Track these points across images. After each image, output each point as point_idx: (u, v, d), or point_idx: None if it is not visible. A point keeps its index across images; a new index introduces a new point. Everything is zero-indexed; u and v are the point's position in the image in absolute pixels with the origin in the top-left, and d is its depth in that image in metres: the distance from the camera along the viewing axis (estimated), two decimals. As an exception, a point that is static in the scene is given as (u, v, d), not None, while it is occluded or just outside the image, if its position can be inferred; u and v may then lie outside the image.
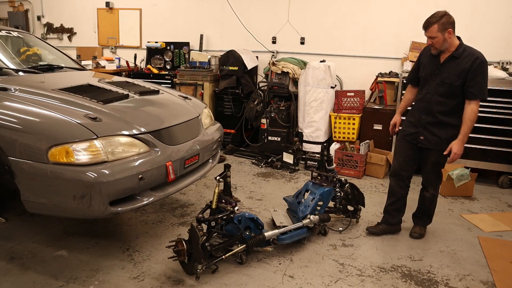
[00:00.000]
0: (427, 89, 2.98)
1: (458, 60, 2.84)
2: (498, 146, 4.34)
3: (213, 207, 2.74)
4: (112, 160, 2.45)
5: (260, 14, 5.95)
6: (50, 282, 2.50)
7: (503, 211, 3.86)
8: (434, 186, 3.15)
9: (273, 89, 5.30)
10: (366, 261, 2.87)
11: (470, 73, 2.79)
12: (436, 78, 2.92)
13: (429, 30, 2.84)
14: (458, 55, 2.85)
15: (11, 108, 2.58)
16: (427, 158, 3.07)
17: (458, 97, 2.88)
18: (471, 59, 2.79)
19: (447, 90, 2.87)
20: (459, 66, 2.82)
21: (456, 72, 2.83)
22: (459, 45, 2.87)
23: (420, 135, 3.01)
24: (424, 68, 3.04)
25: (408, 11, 5.18)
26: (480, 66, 2.78)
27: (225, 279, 2.59)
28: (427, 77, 2.99)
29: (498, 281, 2.67)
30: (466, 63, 2.80)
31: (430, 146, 2.99)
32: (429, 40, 2.87)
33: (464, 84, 2.82)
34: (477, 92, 2.80)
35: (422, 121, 3.00)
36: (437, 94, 2.91)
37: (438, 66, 2.92)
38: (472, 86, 2.80)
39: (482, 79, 2.81)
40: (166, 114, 3.09)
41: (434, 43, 2.85)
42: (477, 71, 2.78)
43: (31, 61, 3.85)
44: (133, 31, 6.86)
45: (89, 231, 3.18)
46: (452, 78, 2.85)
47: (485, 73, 2.83)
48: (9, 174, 2.50)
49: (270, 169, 4.88)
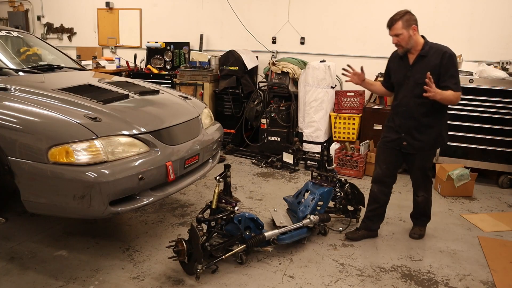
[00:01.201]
0: (403, 93, 2.93)
1: (427, 58, 2.82)
2: (498, 146, 4.34)
3: (213, 207, 2.74)
4: (112, 160, 2.45)
5: (260, 14, 5.95)
6: (50, 282, 2.50)
7: (503, 211, 3.86)
8: (425, 189, 3.12)
9: (273, 89, 5.30)
10: (366, 261, 2.87)
11: (442, 68, 2.76)
12: (409, 81, 2.88)
13: (394, 27, 2.81)
14: (425, 53, 2.82)
15: (11, 108, 2.58)
16: (412, 164, 3.03)
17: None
18: (440, 54, 2.77)
19: (422, 90, 2.78)
20: (430, 64, 2.79)
21: (428, 70, 2.77)
22: (425, 43, 2.86)
23: (403, 140, 2.96)
24: (395, 74, 3.01)
25: (408, 11, 5.18)
26: (450, 59, 2.76)
27: (225, 279, 2.59)
28: (400, 81, 2.95)
29: (498, 281, 2.67)
30: (436, 59, 2.77)
31: (414, 151, 2.95)
32: (394, 39, 2.84)
33: (438, 80, 2.77)
34: (452, 85, 2.76)
35: (403, 126, 2.94)
36: (414, 96, 2.85)
37: (409, 68, 2.89)
38: (447, 80, 2.77)
39: (455, 72, 2.78)
40: (166, 114, 3.09)
41: (400, 40, 2.81)
42: (448, 65, 2.76)
43: (31, 61, 3.85)
44: (133, 31, 6.86)
45: (89, 231, 3.18)
46: (425, 77, 2.77)
47: (456, 65, 2.81)
48: (9, 174, 2.50)
49: (270, 169, 4.88)
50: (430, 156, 3.07)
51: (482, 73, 4.32)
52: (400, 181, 4.54)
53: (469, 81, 4.32)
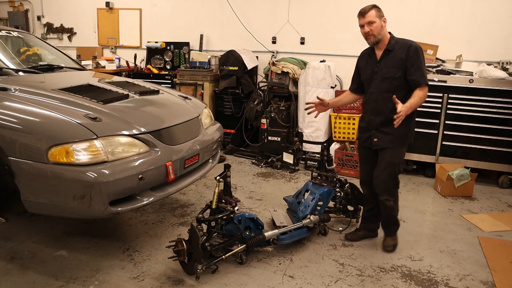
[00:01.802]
0: (371, 89, 2.91)
1: (393, 52, 2.81)
2: (498, 146, 4.34)
3: (213, 207, 2.74)
4: (112, 160, 2.45)
5: (260, 14, 5.95)
6: (50, 282, 2.50)
7: (503, 211, 3.86)
8: (388, 192, 2.91)
9: (273, 89, 5.30)
10: (366, 261, 2.87)
11: (408, 62, 2.75)
12: (377, 76, 2.87)
13: (369, 14, 2.78)
14: (391, 47, 2.82)
15: (11, 108, 2.57)
16: (381, 158, 2.91)
17: (403, 89, 2.79)
18: (405, 47, 2.77)
19: (390, 85, 2.80)
20: (395, 58, 2.79)
21: (394, 64, 2.78)
22: (391, 38, 2.86)
23: (374, 137, 2.90)
24: (364, 71, 2.99)
25: (408, 11, 5.19)
26: (415, 52, 2.75)
27: (225, 279, 2.59)
28: (369, 78, 2.93)
29: (498, 281, 2.67)
30: (402, 53, 2.77)
31: (384, 145, 2.87)
32: (367, 27, 2.79)
33: (405, 74, 2.77)
34: (419, 78, 2.74)
35: (373, 123, 2.90)
36: (382, 91, 2.84)
37: (377, 64, 2.87)
38: (413, 73, 2.75)
39: (421, 65, 2.76)
40: (166, 114, 3.09)
41: (373, 29, 2.78)
42: (414, 58, 2.74)
43: (31, 61, 3.85)
44: (133, 31, 6.86)
45: (89, 231, 3.18)
46: (392, 71, 2.79)
47: (422, 58, 2.78)
48: (9, 174, 2.50)
49: (270, 169, 4.88)
50: (400, 152, 2.92)
51: (482, 73, 4.32)
52: (400, 181, 4.52)
53: (469, 81, 4.32)
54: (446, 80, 4.41)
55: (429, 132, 4.55)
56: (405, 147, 2.94)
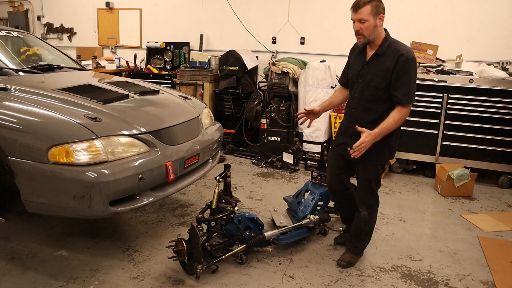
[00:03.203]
0: (353, 93, 2.62)
1: (383, 58, 2.44)
2: (498, 146, 4.34)
3: (213, 207, 2.74)
4: (112, 160, 2.45)
5: (260, 14, 5.95)
6: (50, 282, 2.50)
7: (503, 211, 3.86)
8: (367, 205, 2.69)
9: (273, 89, 5.30)
10: (366, 261, 2.87)
11: (394, 74, 2.39)
12: (361, 81, 2.54)
13: (361, 10, 2.36)
14: (382, 52, 2.44)
15: (11, 108, 2.57)
16: (357, 172, 2.68)
17: (386, 102, 2.48)
18: (395, 57, 2.38)
19: (372, 95, 2.48)
20: (383, 66, 2.43)
21: (380, 73, 2.44)
22: (384, 40, 2.45)
23: (347, 146, 2.55)
24: (352, 68, 2.65)
25: (408, 11, 5.19)
26: (405, 64, 2.37)
27: (225, 279, 2.59)
28: (354, 78, 2.61)
29: (498, 281, 2.67)
30: (390, 62, 2.40)
31: (357, 159, 2.52)
32: (357, 25, 2.41)
33: (389, 87, 2.43)
34: (402, 96, 2.39)
35: (349, 131, 2.61)
36: (363, 99, 2.53)
37: (364, 66, 2.54)
38: (397, 89, 2.40)
39: (408, 81, 2.39)
40: (166, 114, 3.09)
41: (364, 29, 2.40)
42: (401, 71, 2.38)
43: (31, 61, 3.85)
44: (133, 31, 6.86)
45: (89, 231, 3.18)
46: (376, 80, 2.45)
47: (412, 72, 2.41)
48: (9, 174, 2.50)
49: (270, 169, 4.88)
50: (376, 168, 2.62)
51: (482, 73, 4.32)
52: (400, 181, 4.55)
53: (469, 81, 4.32)
54: (446, 80, 4.41)
55: (429, 132, 4.55)
56: (382, 163, 2.64)
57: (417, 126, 4.59)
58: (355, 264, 2.80)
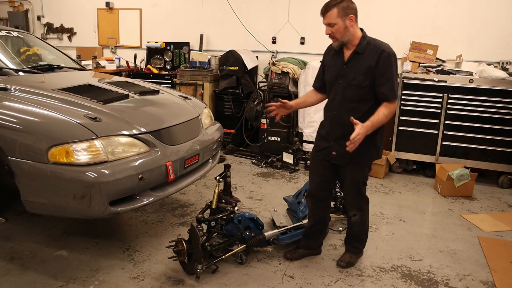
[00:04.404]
0: (334, 95, 2.55)
1: (363, 56, 2.42)
2: (498, 146, 4.34)
3: (213, 207, 2.74)
4: (112, 160, 2.45)
5: (260, 14, 5.95)
6: (50, 282, 2.50)
7: (503, 211, 3.86)
8: (358, 208, 2.68)
9: (273, 89, 5.30)
10: (366, 261, 2.87)
11: (377, 70, 2.38)
12: (342, 81, 2.49)
13: (328, 15, 2.38)
14: (361, 50, 2.43)
15: (11, 108, 2.58)
16: (344, 176, 2.63)
17: (370, 100, 2.45)
18: (377, 53, 2.38)
19: (355, 94, 2.45)
20: (364, 63, 2.41)
21: (362, 71, 2.41)
22: (362, 38, 2.45)
23: (332, 150, 2.55)
24: (329, 70, 2.60)
25: (408, 11, 5.19)
26: (387, 60, 2.38)
27: (225, 279, 2.59)
28: (332, 80, 2.55)
29: (498, 281, 2.67)
30: (371, 59, 2.39)
31: (344, 162, 2.53)
32: (328, 29, 2.42)
33: (373, 83, 2.41)
34: (388, 92, 2.39)
35: (332, 134, 2.56)
36: (346, 100, 2.48)
37: (343, 66, 2.49)
38: (382, 86, 2.39)
39: (391, 76, 2.39)
40: (166, 114, 3.09)
41: (334, 32, 2.40)
42: (384, 67, 2.38)
43: (31, 61, 3.85)
44: (133, 31, 6.86)
45: (89, 231, 3.18)
46: (359, 78, 2.42)
47: (394, 68, 2.41)
48: (9, 174, 2.50)
49: (270, 169, 4.88)
50: (363, 169, 2.61)
51: (482, 73, 4.32)
52: (400, 181, 4.55)
53: (469, 81, 4.32)
54: (446, 80, 4.41)
55: (429, 132, 4.55)
56: (369, 163, 2.63)
57: (417, 126, 4.59)
58: (355, 264, 2.80)
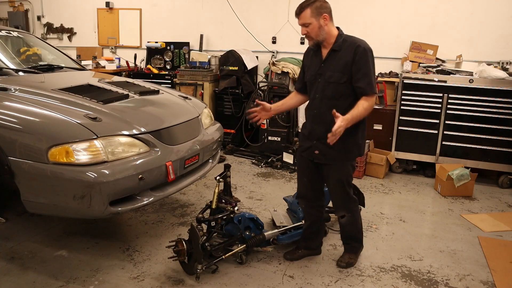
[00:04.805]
0: (314, 94, 2.57)
1: (340, 53, 2.45)
2: (498, 146, 4.34)
3: (213, 207, 2.74)
4: (112, 160, 2.45)
5: (260, 14, 5.95)
6: (50, 282, 2.50)
7: (503, 211, 3.86)
8: (346, 209, 2.68)
9: (273, 89, 5.30)
10: (366, 261, 2.87)
11: (354, 66, 2.41)
12: (321, 79, 2.52)
13: (302, 15, 2.43)
14: (338, 47, 2.46)
15: (11, 108, 2.58)
16: (327, 176, 2.62)
17: (349, 96, 2.46)
18: (353, 49, 2.42)
19: (334, 91, 2.47)
20: (341, 60, 2.44)
21: (339, 67, 2.44)
22: (338, 36, 2.49)
23: (315, 149, 2.56)
24: (308, 71, 2.63)
25: (408, 11, 5.19)
26: (363, 55, 2.41)
27: (225, 279, 2.59)
28: (312, 80, 2.58)
29: (498, 281, 2.67)
30: (348, 55, 2.42)
31: (327, 161, 2.55)
32: (303, 30, 2.46)
33: (351, 80, 2.43)
34: (366, 86, 2.41)
35: (314, 133, 2.57)
36: (325, 98, 2.50)
37: (321, 65, 2.52)
38: (359, 80, 2.41)
39: (368, 71, 2.42)
40: (166, 114, 3.09)
41: (309, 31, 2.44)
42: (361, 62, 2.40)
43: (31, 61, 3.85)
44: (133, 31, 6.86)
45: (89, 231, 3.18)
46: (336, 75, 2.45)
47: (371, 62, 2.44)
48: (9, 174, 2.50)
49: (270, 169, 4.88)
50: (346, 168, 2.60)
51: (482, 73, 4.32)
52: (400, 181, 4.55)
53: (469, 81, 4.32)
54: (446, 80, 4.41)
55: (429, 132, 4.55)
56: (352, 161, 2.64)
57: (417, 126, 4.59)
58: (355, 264, 2.80)
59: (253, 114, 2.75)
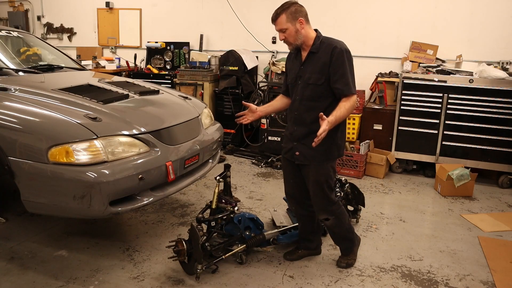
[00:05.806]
0: (294, 96, 2.59)
1: (318, 55, 2.47)
2: (498, 146, 4.34)
3: (213, 207, 2.74)
4: (112, 160, 2.45)
5: (260, 14, 5.94)
6: (50, 282, 2.50)
7: (503, 211, 3.86)
8: (328, 212, 2.62)
9: (273, 89, 5.30)
10: (366, 261, 2.87)
11: (331, 67, 2.41)
12: (300, 81, 2.54)
13: (278, 21, 2.45)
14: (316, 49, 2.48)
15: (11, 108, 2.58)
16: (307, 177, 2.60)
17: (327, 98, 2.48)
18: (329, 50, 2.43)
19: (313, 92, 2.49)
20: (319, 62, 2.46)
21: (317, 69, 2.46)
22: (316, 38, 2.51)
23: (295, 150, 2.58)
24: (289, 74, 2.66)
25: (408, 11, 5.19)
26: (339, 56, 2.41)
27: (225, 279, 2.59)
28: (293, 82, 2.60)
29: (498, 281, 2.67)
30: (325, 57, 2.43)
31: (307, 161, 2.55)
32: (281, 35, 2.48)
33: (329, 81, 2.44)
34: (343, 86, 2.41)
35: (295, 134, 2.59)
36: (304, 99, 2.52)
37: (300, 67, 2.55)
38: (337, 81, 2.41)
39: (345, 72, 2.41)
40: (166, 114, 3.09)
41: (287, 36, 2.46)
42: (337, 63, 2.41)
43: (31, 61, 3.85)
44: (133, 31, 6.86)
45: (89, 231, 3.18)
46: (314, 77, 2.46)
47: (347, 63, 2.44)
48: (9, 174, 2.50)
49: (270, 169, 4.88)
50: (326, 169, 2.56)
51: (482, 73, 4.32)
52: (400, 181, 4.55)
53: (469, 81, 4.32)
54: (446, 80, 4.41)
55: (429, 132, 4.55)
56: (332, 161, 2.60)
57: (417, 126, 4.60)
58: (354, 263, 2.80)
59: (242, 118, 2.77)
